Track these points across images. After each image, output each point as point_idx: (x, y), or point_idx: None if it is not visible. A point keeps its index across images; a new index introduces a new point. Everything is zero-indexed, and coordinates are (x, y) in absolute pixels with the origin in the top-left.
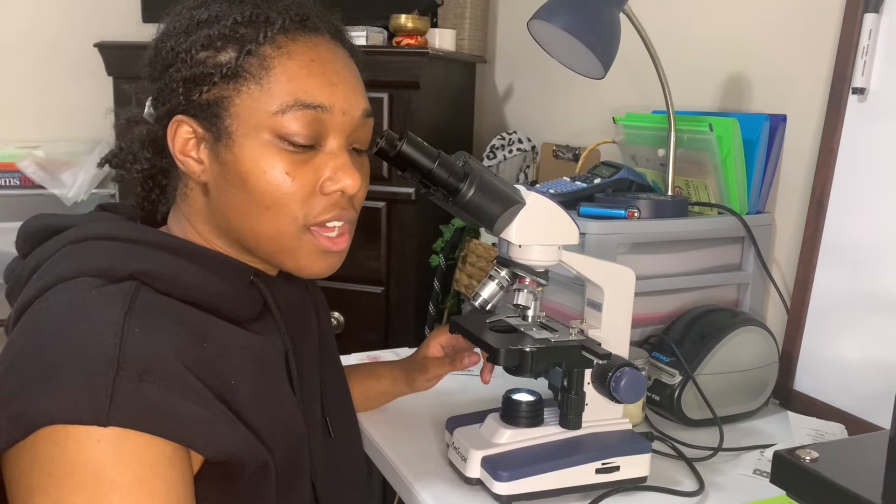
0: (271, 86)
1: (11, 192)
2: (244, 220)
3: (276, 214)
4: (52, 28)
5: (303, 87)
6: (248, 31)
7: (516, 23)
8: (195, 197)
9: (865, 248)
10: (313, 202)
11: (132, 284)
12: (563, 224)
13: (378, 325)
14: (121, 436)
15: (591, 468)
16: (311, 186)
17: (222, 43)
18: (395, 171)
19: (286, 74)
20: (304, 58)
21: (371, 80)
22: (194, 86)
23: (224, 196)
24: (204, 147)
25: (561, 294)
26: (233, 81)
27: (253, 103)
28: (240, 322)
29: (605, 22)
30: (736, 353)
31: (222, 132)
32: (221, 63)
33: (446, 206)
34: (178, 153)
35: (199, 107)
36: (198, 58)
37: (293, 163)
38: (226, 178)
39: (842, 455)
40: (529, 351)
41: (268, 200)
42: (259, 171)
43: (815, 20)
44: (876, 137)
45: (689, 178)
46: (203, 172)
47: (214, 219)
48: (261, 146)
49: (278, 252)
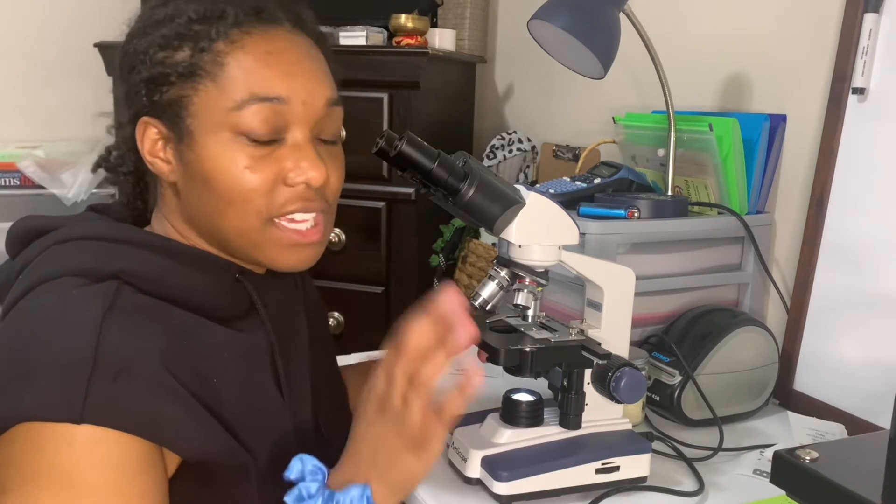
0: (226, 82)
1: (11, 192)
2: (212, 217)
3: (240, 210)
4: (52, 28)
5: (258, 81)
6: (202, 27)
7: (516, 23)
8: (169, 197)
9: (865, 248)
10: (276, 194)
11: (114, 284)
12: (563, 224)
13: (378, 325)
14: (94, 434)
15: (591, 468)
16: (273, 180)
17: (179, 42)
18: (395, 171)
19: (240, 69)
20: (258, 50)
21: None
22: (154, 86)
23: (191, 195)
24: (169, 148)
25: (561, 294)
26: (189, 80)
27: (210, 101)
28: (225, 320)
29: (605, 22)
30: (736, 353)
31: (184, 132)
32: (177, 62)
33: (446, 206)
34: (147, 154)
35: (161, 107)
36: (156, 58)
37: (254, 157)
38: (191, 177)
39: (842, 455)
40: (529, 351)
41: (230, 196)
42: (220, 168)
43: (815, 20)
44: (876, 137)
45: (689, 178)
46: (171, 173)
47: (188, 217)
48: (221, 144)
49: (247, 247)
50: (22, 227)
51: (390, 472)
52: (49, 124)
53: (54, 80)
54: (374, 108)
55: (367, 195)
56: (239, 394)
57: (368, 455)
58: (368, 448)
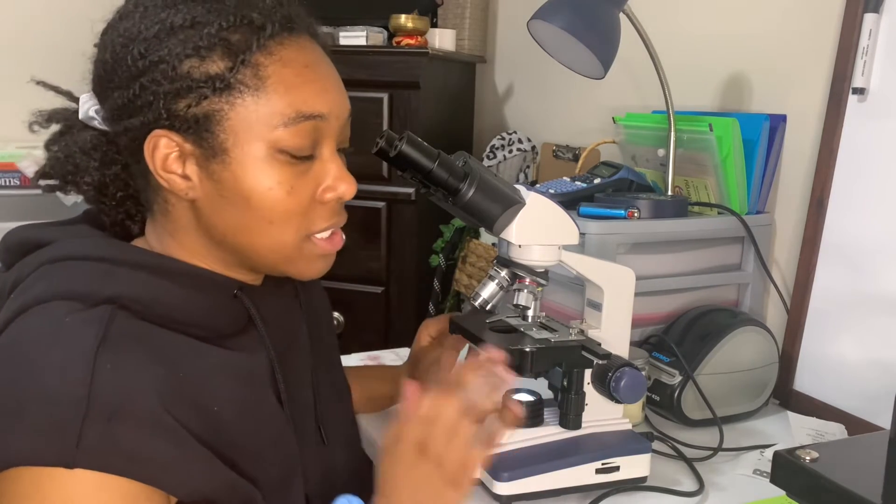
0: (269, 97)
1: (11, 192)
2: (244, 235)
3: (280, 228)
4: (52, 28)
5: (302, 98)
6: (238, 37)
7: (516, 23)
8: (180, 213)
9: (865, 248)
10: (313, 213)
11: (108, 309)
12: (563, 224)
13: (378, 325)
14: (89, 479)
15: (591, 468)
16: (310, 197)
17: (208, 52)
18: (395, 171)
19: (283, 84)
20: (296, 64)
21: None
22: (178, 99)
23: (219, 213)
24: (191, 163)
25: (561, 294)
26: (226, 94)
27: (250, 116)
28: (224, 338)
29: (605, 22)
30: (736, 353)
31: (216, 148)
32: (211, 74)
33: (446, 206)
34: (160, 170)
35: (185, 121)
36: (181, 68)
37: (294, 175)
38: (222, 196)
39: (842, 455)
40: (529, 351)
41: (271, 216)
42: (262, 187)
43: (815, 20)
44: (876, 137)
45: (689, 178)
46: (191, 189)
47: (205, 234)
48: (261, 161)
49: (279, 262)
50: (15, 238)
51: None
52: None
53: (55, 80)
54: (374, 108)
55: (367, 195)
56: (240, 418)
57: (409, 496)
58: (409, 489)
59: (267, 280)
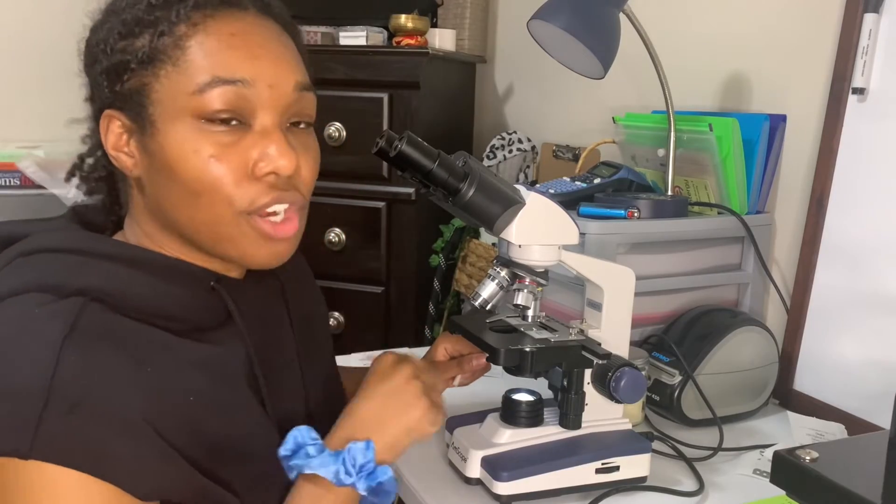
0: (188, 65)
1: (11, 192)
2: (179, 210)
3: (210, 201)
4: (52, 28)
5: (221, 62)
6: (162, 12)
7: (516, 23)
8: (136, 195)
9: (865, 248)
10: (247, 187)
11: (79, 301)
12: (563, 224)
13: (378, 325)
14: (43, 471)
15: (591, 468)
16: (242, 169)
17: (139, 28)
18: (395, 171)
19: (203, 51)
20: (222, 32)
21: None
22: (116, 76)
23: (156, 188)
24: (133, 140)
25: (561, 294)
26: (150, 66)
27: (171, 86)
28: (200, 331)
29: (605, 22)
30: (736, 353)
31: (146, 121)
32: (137, 48)
33: (446, 206)
34: (110, 149)
35: (123, 98)
36: (116, 47)
37: (220, 145)
38: (155, 169)
39: (842, 455)
40: (529, 351)
41: (198, 186)
42: (184, 156)
43: (815, 20)
44: (876, 137)
45: (689, 178)
46: (135, 167)
47: (154, 215)
48: (185, 131)
49: (219, 241)
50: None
51: (385, 427)
52: (49, 124)
53: (54, 80)
54: (374, 108)
55: (367, 195)
56: (215, 415)
57: (365, 417)
58: (364, 411)
59: (249, 275)
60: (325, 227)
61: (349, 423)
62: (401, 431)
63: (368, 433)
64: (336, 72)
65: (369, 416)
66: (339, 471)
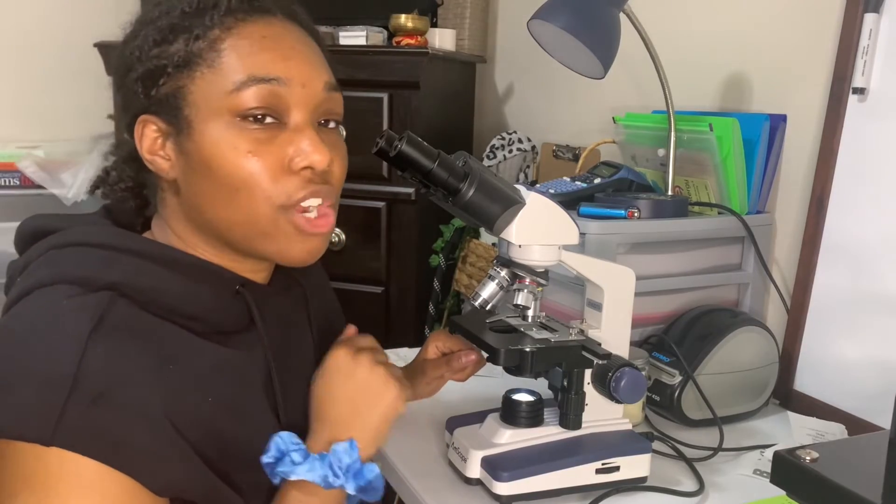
0: (223, 66)
1: (11, 192)
2: (216, 208)
3: (249, 196)
4: (52, 28)
5: (256, 63)
6: (196, 18)
7: (516, 23)
8: (169, 198)
9: (865, 248)
10: (285, 182)
11: (107, 296)
12: (563, 224)
13: (378, 325)
14: (64, 458)
15: (591, 468)
16: (279, 165)
17: (173, 34)
18: (395, 171)
19: (237, 53)
20: (254, 35)
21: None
22: (151, 82)
23: (193, 188)
24: (169, 143)
25: (561, 294)
26: (186, 69)
27: (207, 87)
28: (223, 334)
29: (605, 22)
30: (736, 353)
31: (183, 123)
32: (172, 53)
33: (446, 206)
34: (146, 153)
35: (159, 102)
36: (151, 53)
37: (256, 141)
38: (192, 168)
39: (842, 455)
40: (529, 351)
41: (236, 182)
42: (221, 153)
43: (815, 20)
44: (876, 137)
45: (689, 178)
46: (171, 169)
47: (189, 216)
48: (222, 129)
49: (255, 238)
50: (29, 226)
51: (363, 422)
52: (49, 124)
53: (54, 80)
54: (374, 108)
55: (367, 195)
56: (230, 418)
57: (341, 416)
58: (339, 411)
59: (274, 281)
60: None
61: (327, 425)
62: (379, 421)
63: (349, 432)
64: (336, 72)
65: (345, 415)
66: (328, 475)
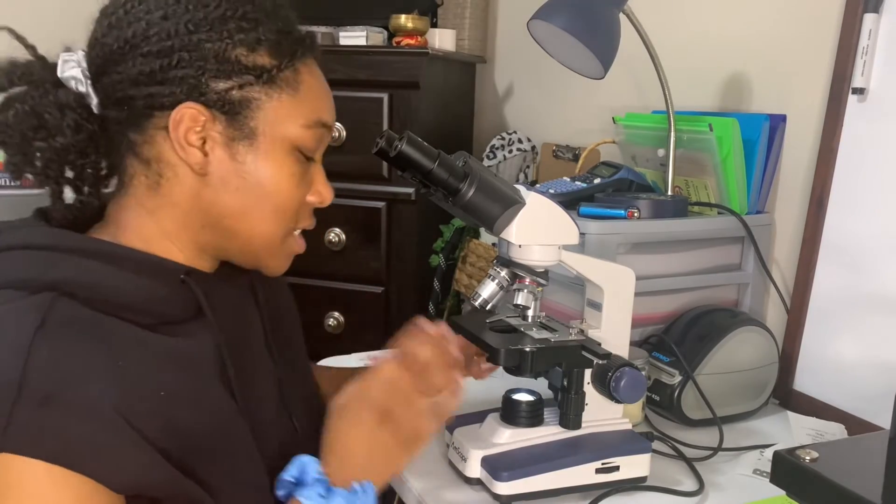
0: (301, 99)
1: (11, 192)
2: (244, 219)
3: (280, 218)
4: (52, 28)
5: (323, 107)
6: (286, 43)
7: (516, 23)
8: (179, 189)
9: (865, 248)
10: (302, 211)
11: (49, 296)
12: (563, 224)
13: (378, 325)
14: (15, 464)
15: (591, 468)
16: (304, 196)
17: (258, 46)
18: (395, 171)
19: (312, 92)
20: (319, 80)
21: (371, 80)
22: (221, 79)
23: (228, 192)
24: (215, 141)
25: (561, 294)
26: (267, 86)
27: (284, 111)
28: (171, 325)
29: (605, 22)
30: (736, 353)
31: (247, 131)
32: (259, 65)
33: (446, 206)
34: (182, 139)
35: (222, 101)
36: (231, 53)
37: (301, 174)
38: (240, 176)
39: (842, 455)
40: (529, 351)
41: (279, 205)
42: (280, 176)
43: (815, 20)
44: (876, 137)
45: (689, 178)
46: (207, 165)
47: (197, 212)
48: (284, 154)
49: (262, 251)
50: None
51: (386, 468)
52: None
53: None
54: (374, 108)
55: (367, 195)
56: (188, 409)
57: (363, 456)
58: (364, 450)
59: (220, 269)
60: (325, 227)
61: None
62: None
63: (382, 476)
64: (336, 72)
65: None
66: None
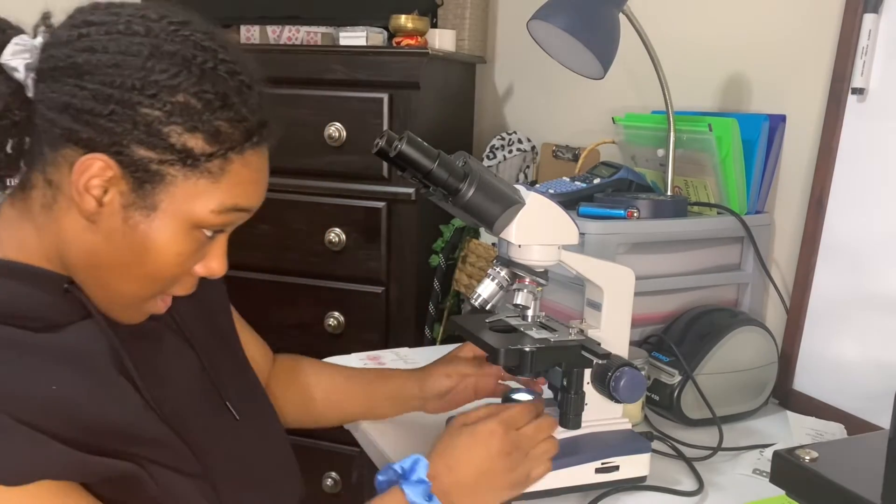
0: (220, 187)
1: None
2: (117, 274)
3: (151, 283)
4: None
5: (244, 193)
6: (228, 132)
7: (516, 23)
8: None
9: (865, 248)
10: (185, 280)
11: None
12: (563, 224)
13: (378, 325)
14: None
15: (591, 468)
16: (192, 267)
17: (195, 129)
18: (395, 171)
19: (237, 179)
20: (254, 168)
21: (371, 81)
22: (144, 147)
23: (106, 246)
24: (114, 198)
25: (561, 294)
26: (188, 169)
27: (194, 193)
28: (59, 327)
29: (605, 22)
30: (735, 353)
31: (148, 202)
32: (187, 148)
33: (446, 206)
34: (80, 186)
35: (136, 166)
36: (164, 128)
37: (195, 249)
38: (125, 240)
39: (841, 455)
40: (529, 351)
41: (156, 273)
42: (166, 250)
43: (815, 20)
44: (875, 137)
45: (688, 178)
46: (96, 215)
47: (78, 249)
48: (179, 231)
49: (112, 304)
50: None
51: (485, 497)
52: None
53: None
54: (374, 108)
55: (367, 195)
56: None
57: (473, 476)
58: (474, 470)
59: None
60: (325, 227)
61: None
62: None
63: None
64: (336, 72)
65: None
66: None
